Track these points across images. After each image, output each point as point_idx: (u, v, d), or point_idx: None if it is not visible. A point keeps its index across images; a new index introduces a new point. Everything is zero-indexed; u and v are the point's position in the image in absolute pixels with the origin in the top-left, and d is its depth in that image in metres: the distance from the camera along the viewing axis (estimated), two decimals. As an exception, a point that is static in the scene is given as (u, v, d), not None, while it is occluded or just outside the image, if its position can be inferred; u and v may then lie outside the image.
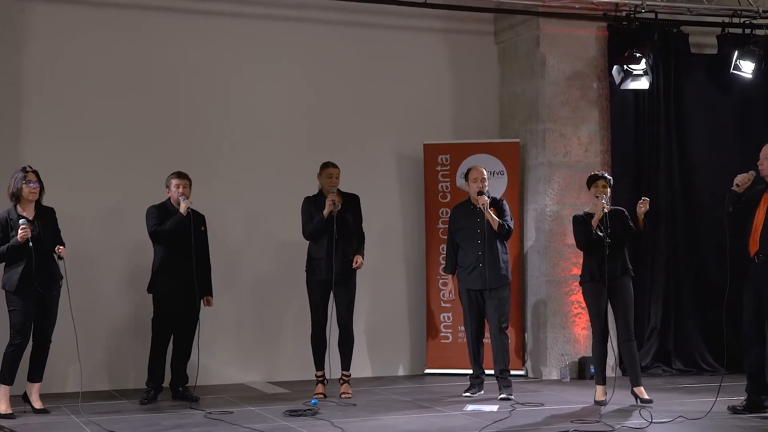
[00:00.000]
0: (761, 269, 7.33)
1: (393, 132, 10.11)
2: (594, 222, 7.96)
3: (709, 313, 9.74)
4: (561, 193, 9.81)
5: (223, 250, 9.24)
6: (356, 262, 8.42)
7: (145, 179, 8.97)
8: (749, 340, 7.48)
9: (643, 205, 7.92)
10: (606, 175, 8.25)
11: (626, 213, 8.20)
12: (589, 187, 8.19)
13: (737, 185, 7.34)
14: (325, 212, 8.29)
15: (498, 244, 8.47)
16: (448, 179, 9.98)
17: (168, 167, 8.57)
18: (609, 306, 8.10)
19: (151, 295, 8.40)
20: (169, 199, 8.37)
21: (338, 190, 8.50)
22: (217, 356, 9.42)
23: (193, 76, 9.51)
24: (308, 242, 8.54)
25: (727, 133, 10.13)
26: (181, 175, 8.31)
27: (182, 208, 8.17)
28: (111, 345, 9.20)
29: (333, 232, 8.32)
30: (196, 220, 8.34)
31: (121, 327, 9.23)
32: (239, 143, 9.62)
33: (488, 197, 8.44)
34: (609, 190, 8.15)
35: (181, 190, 8.25)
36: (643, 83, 9.68)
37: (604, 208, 7.93)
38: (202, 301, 8.48)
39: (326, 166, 8.51)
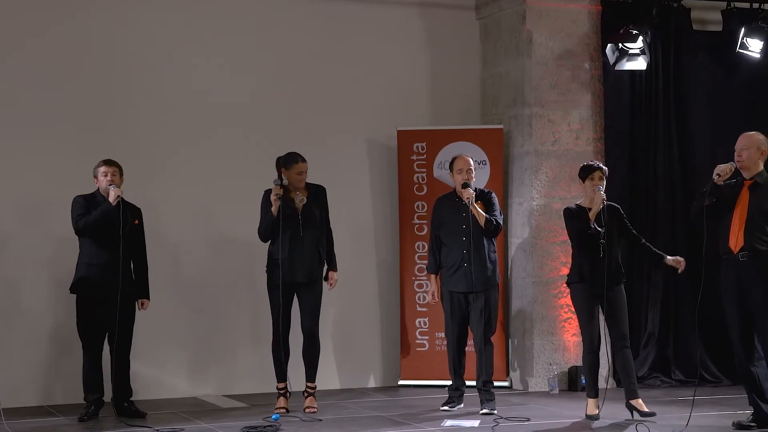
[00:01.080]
0: (745, 266, 7.44)
1: (362, 117, 10.07)
2: (592, 215, 7.99)
3: (711, 317, 9.39)
4: (549, 185, 9.80)
5: (172, 248, 9.27)
6: (331, 279, 8.50)
7: (74, 169, 8.88)
8: (738, 345, 7.56)
9: (680, 267, 8.18)
10: (602, 165, 8.29)
11: (622, 211, 8.25)
12: (583, 179, 8.20)
13: (718, 175, 7.47)
14: (273, 209, 8.26)
15: (485, 241, 8.49)
16: (424, 170, 9.95)
17: (100, 155, 8.49)
18: (600, 311, 8.12)
19: (75, 296, 8.34)
20: (98, 189, 8.32)
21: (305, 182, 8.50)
22: (167, 366, 9.39)
23: (131, 55, 9.42)
24: (270, 242, 8.49)
25: (732, 119, 10.01)
26: (108, 162, 8.29)
27: (111, 197, 8.13)
28: (35, 354, 9.05)
29: (298, 229, 8.33)
30: (130, 212, 8.33)
31: (46, 333, 9.08)
32: (185, 130, 9.56)
33: (474, 189, 8.43)
34: (605, 182, 8.19)
35: (109, 177, 8.22)
36: (640, 63, 9.66)
37: (603, 200, 7.98)
38: (137, 304, 8.45)
39: (295, 160, 8.41)
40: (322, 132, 9.83)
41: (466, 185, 8.39)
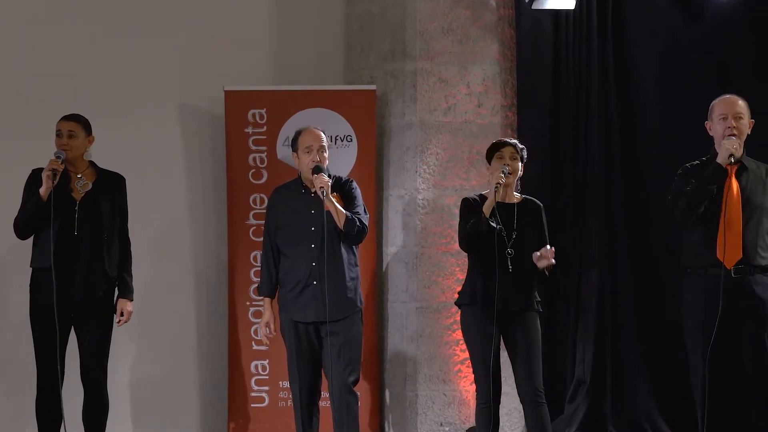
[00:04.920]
0: (738, 283, 7.51)
1: (174, 72, 9.74)
2: (486, 208, 7.79)
3: (665, 357, 9.62)
4: (441, 170, 9.57)
5: None
6: (123, 310, 8.28)
7: None
8: (710, 381, 7.57)
9: (545, 259, 7.83)
10: (513, 141, 8.08)
11: (542, 211, 8.14)
12: (489, 160, 8.05)
13: (732, 155, 7.49)
14: (42, 191, 7.93)
15: (343, 250, 8.24)
16: (264, 147, 9.63)
17: None
18: (504, 348, 8.03)
19: None
20: None
21: (92, 163, 8.28)
22: None
23: None
24: (32, 247, 8.22)
25: (693, 79, 9.78)
26: None
27: None
28: None
29: (72, 224, 8.05)
30: None
31: None
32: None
33: (330, 176, 8.16)
34: (521, 164, 7.99)
35: None
36: (566, 1, 9.46)
37: (499, 182, 7.78)
38: None
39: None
40: (114, 91, 9.50)
41: (318, 170, 8.06)
